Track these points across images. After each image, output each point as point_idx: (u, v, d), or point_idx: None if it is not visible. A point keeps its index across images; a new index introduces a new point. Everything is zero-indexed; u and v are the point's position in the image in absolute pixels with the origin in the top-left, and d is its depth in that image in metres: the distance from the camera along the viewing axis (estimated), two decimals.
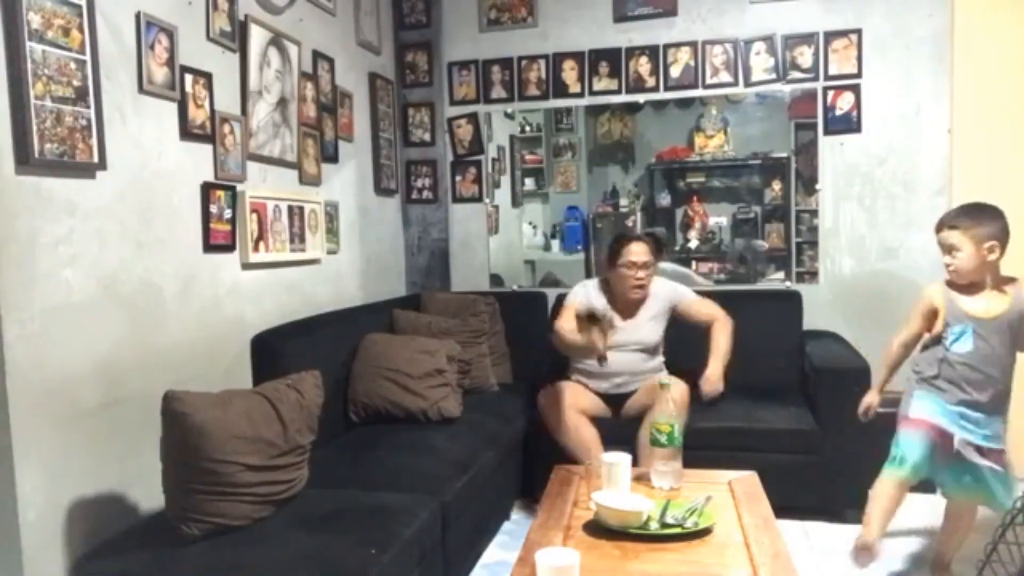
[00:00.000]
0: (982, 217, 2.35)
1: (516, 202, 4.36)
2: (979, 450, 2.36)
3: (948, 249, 2.39)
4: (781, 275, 3.84)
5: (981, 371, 2.35)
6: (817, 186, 3.70)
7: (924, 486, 2.79)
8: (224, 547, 1.81)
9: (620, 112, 4.02)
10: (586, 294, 3.24)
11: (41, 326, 1.82)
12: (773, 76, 3.69)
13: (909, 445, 2.39)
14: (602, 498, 1.91)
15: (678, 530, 1.83)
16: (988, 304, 2.37)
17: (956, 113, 3.46)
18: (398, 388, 2.89)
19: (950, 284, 2.44)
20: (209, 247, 2.46)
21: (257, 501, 1.94)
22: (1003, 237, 2.32)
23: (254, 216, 2.68)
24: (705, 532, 1.85)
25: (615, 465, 2.03)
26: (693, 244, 4.04)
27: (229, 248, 2.58)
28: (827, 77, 3.64)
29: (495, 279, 4.16)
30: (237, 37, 2.62)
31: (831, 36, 3.61)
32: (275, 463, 2.00)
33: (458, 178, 4.15)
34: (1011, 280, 2.40)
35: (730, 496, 2.12)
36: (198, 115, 2.40)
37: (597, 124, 4.10)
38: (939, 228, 2.43)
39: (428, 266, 4.15)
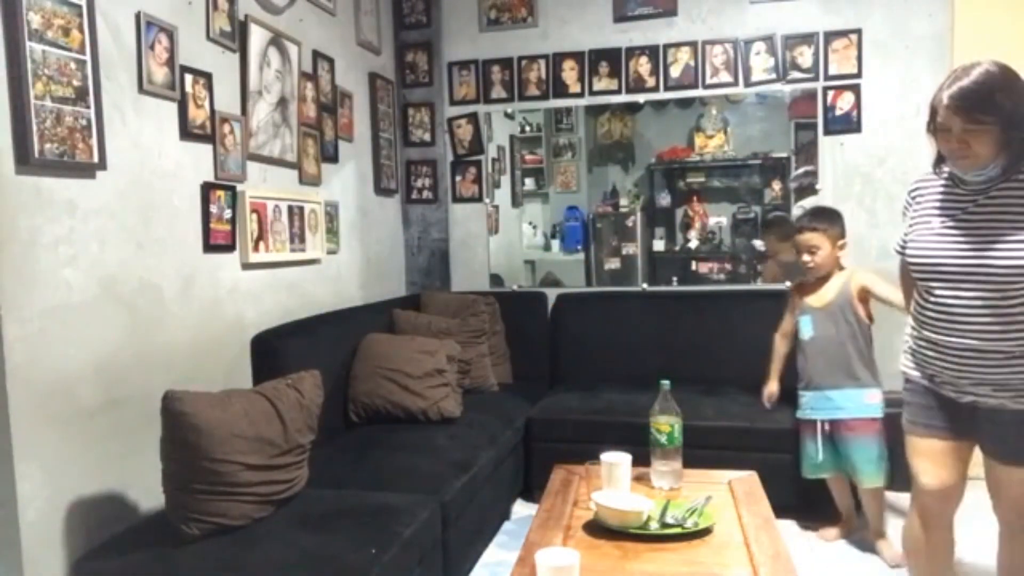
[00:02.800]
0: (834, 218, 2.80)
1: (516, 202, 4.36)
2: (839, 425, 2.72)
3: (808, 249, 2.76)
4: None
5: (825, 353, 2.76)
6: (817, 186, 3.70)
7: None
8: (224, 547, 1.81)
9: (620, 112, 4.02)
10: None
11: (41, 326, 1.82)
12: (773, 76, 3.69)
13: (805, 447, 2.83)
14: (602, 498, 1.91)
15: (678, 530, 1.83)
16: (823, 293, 2.79)
17: None
18: (398, 388, 2.89)
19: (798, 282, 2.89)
20: (209, 247, 2.46)
21: (257, 501, 1.94)
22: (845, 234, 2.81)
23: (254, 216, 2.68)
24: (705, 532, 1.85)
25: (615, 465, 2.03)
26: (693, 244, 4.04)
27: (229, 248, 2.58)
28: (827, 77, 3.64)
29: (495, 279, 4.16)
30: (237, 37, 2.62)
31: (831, 36, 3.61)
32: (275, 462, 2.00)
33: (458, 178, 4.15)
34: (843, 269, 2.81)
35: (730, 496, 2.12)
36: (198, 115, 2.40)
37: (597, 124, 4.10)
38: (799, 231, 2.80)
39: (428, 266, 4.14)
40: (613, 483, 2.02)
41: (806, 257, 2.77)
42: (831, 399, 2.75)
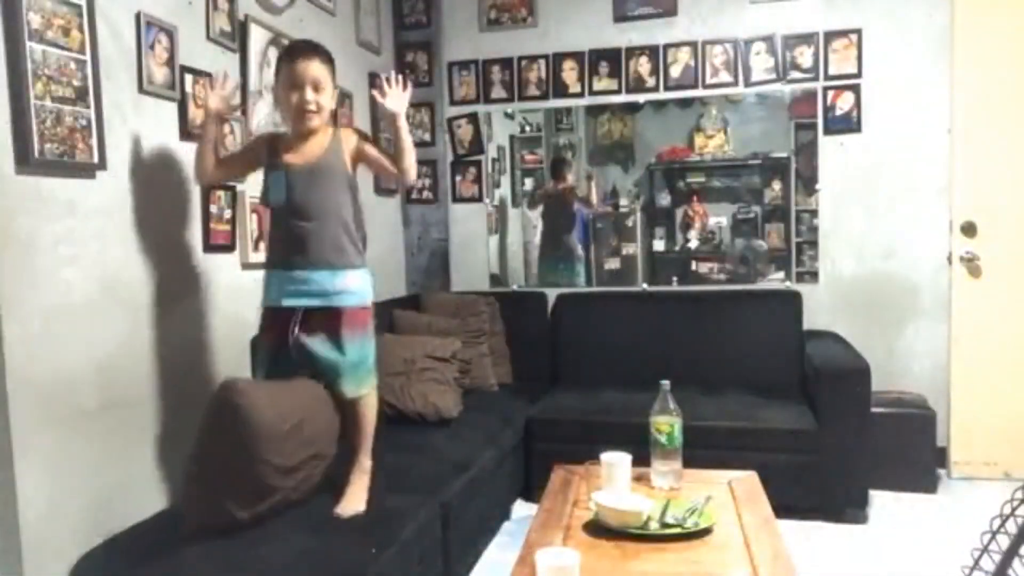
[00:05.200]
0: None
1: (516, 202, 4.35)
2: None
3: (314, 85, 2.10)
4: (781, 275, 3.84)
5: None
6: (817, 186, 3.70)
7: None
8: (224, 547, 1.80)
9: (620, 112, 4.01)
10: None
11: (41, 326, 1.82)
12: (773, 76, 3.69)
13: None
14: (602, 498, 1.91)
15: (678, 530, 1.83)
16: (309, 148, 2.16)
17: (956, 113, 3.46)
18: (398, 388, 2.89)
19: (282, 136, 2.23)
20: (209, 247, 2.46)
21: (274, 504, 1.93)
22: None
23: (254, 216, 2.68)
24: (705, 532, 1.85)
25: (615, 465, 2.03)
26: (693, 244, 4.04)
27: (229, 248, 2.57)
28: (827, 77, 3.64)
29: (495, 279, 4.16)
30: (237, 37, 2.62)
31: (831, 36, 3.61)
32: (304, 465, 2.00)
33: (458, 178, 4.15)
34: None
35: (730, 496, 2.12)
36: (198, 115, 2.40)
37: (597, 124, 4.09)
38: (305, 55, 2.12)
39: (428, 266, 4.14)
40: (613, 483, 2.02)
41: (310, 95, 2.10)
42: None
